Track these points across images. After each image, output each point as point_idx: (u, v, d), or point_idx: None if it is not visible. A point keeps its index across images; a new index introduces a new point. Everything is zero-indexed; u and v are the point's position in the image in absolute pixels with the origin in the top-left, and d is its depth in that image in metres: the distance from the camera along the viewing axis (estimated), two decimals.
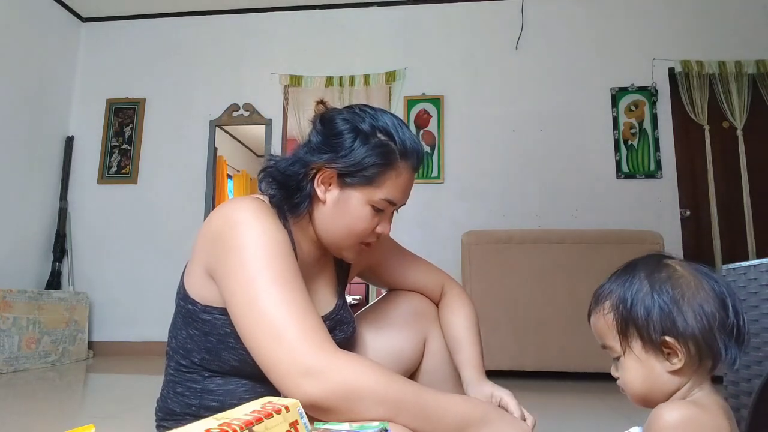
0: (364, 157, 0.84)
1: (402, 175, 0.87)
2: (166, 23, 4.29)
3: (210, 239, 0.82)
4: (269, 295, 0.73)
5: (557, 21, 3.95)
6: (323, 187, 0.87)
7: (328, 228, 0.89)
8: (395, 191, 0.87)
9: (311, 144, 0.89)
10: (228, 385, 0.85)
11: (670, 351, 0.68)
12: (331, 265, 1.02)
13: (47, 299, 3.34)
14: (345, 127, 0.86)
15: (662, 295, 0.68)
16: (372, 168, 0.84)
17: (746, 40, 3.76)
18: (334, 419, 0.69)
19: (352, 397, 0.68)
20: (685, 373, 0.68)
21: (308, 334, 0.71)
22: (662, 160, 3.71)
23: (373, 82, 3.98)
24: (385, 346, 1.04)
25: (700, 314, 0.67)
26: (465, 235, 2.94)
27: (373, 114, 0.88)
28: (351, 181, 0.85)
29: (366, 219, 0.87)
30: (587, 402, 2.25)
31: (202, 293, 0.84)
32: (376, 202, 0.86)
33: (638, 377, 0.70)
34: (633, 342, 0.70)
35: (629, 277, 0.72)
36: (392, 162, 0.86)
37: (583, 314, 2.70)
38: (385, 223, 0.90)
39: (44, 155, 3.96)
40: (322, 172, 0.86)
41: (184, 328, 0.88)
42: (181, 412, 0.88)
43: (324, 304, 0.96)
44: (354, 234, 0.88)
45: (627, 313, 0.70)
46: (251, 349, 0.74)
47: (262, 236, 0.77)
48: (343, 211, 0.87)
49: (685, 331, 0.66)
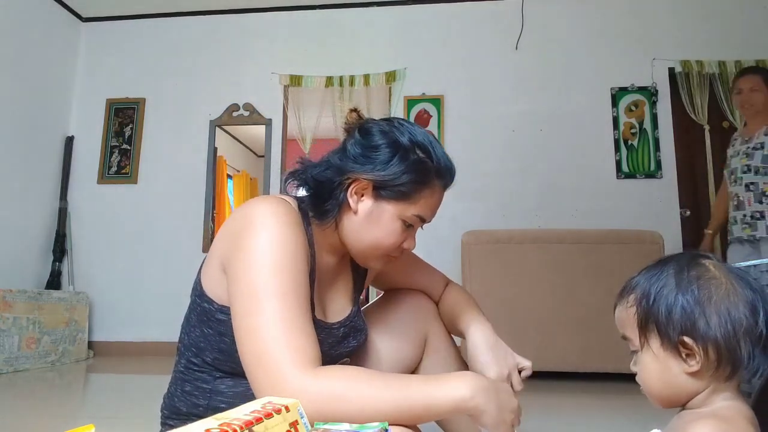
0: (402, 172, 0.84)
1: (436, 194, 0.89)
2: (166, 23, 4.29)
3: (229, 234, 0.83)
4: (266, 310, 0.73)
5: (557, 21, 3.95)
6: (356, 197, 0.87)
7: (358, 238, 0.89)
8: (427, 209, 0.88)
9: (348, 153, 0.88)
10: (238, 387, 0.85)
11: (688, 352, 0.66)
12: (348, 271, 1.02)
13: (47, 299, 3.34)
14: (384, 140, 0.86)
15: (686, 295, 0.66)
16: (409, 184, 0.85)
17: (746, 40, 3.76)
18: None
19: (333, 405, 0.68)
20: (702, 377, 0.66)
21: (293, 356, 0.71)
22: (662, 160, 3.71)
23: (373, 82, 3.98)
24: (386, 346, 1.05)
25: (725, 318, 0.64)
26: (465, 235, 2.94)
27: (411, 129, 0.89)
28: (386, 194, 0.85)
29: (396, 233, 0.87)
30: (587, 402, 2.25)
31: (217, 291, 0.84)
32: (408, 218, 0.87)
33: (654, 374, 0.70)
34: (651, 338, 0.69)
35: (658, 272, 0.70)
36: (428, 180, 0.87)
37: (583, 314, 2.71)
38: (411, 240, 0.91)
39: (44, 155, 3.96)
40: (358, 183, 0.86)
41: (198, 326, 0.87)
42: (187, 412, 0.87)
43: (340, 311, 0.97)
44: (382, 247, 0.89)
45: (648, 308, 0.68)
46: (240, 354, 0.75)
47: (276, 242, 0.77)
48: (375, 224, 0.87)
49: (706, 333, 0.64)
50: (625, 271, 3.13)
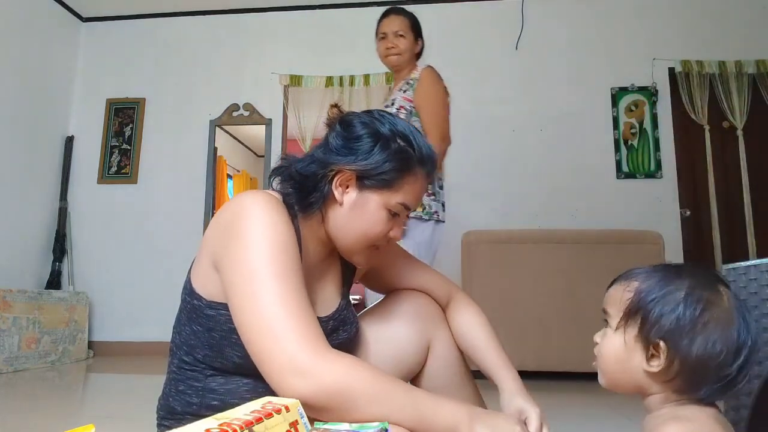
0: (384, 161, 0.86)
1: (418, 181, 0.90)
2: (166, 23, 4.29)
3: (218, 229, 0.84)
4: (269, 291, 0.74)
5: (557, 21, 3.95)
6: (341, 189, 0.89)
7: (343, 229, 0.90)
8: (411, 196, 0.90)
9: (330, 146, 0.90)
10: (229, 384, 0.86)
11: (655, 353, 0.68)
12: (337, 266, 1.02)
13: (47, 299, 3.34)
14: (365, 131, 0.88)
15: (688, 309, 0.67)
16: (391, 172, 0.86)
17: (746, 40, 3.76)
18: (326, 418, 0.70)
19: (342, 397, 0.70)
20: (656, 380, 0.69)
21: (303, 333, 0.72)
22: (662, 160, 3.71)
23: (373, 82, 3.98)
24: (386, 348, 1.03)
25: (708, 347, 0.65)
26: (465, 235, 2.94)
27: (391, 119, 0.91)
28: (370, 183, 0.87)
29: (382, 222, 0.89)
30: (587, 402, 2.25)
31: (207, 288, 0.85)
32: (393, 206, 0.88)
33: (614, 356, 0.72)
34: (630, 326, 0.70)
35: (673, 277, 0.70)
36: (411, 167, 0.88)
37: (583, 314, 2.70)
38: (397, 229, 0.92)
39: (44, 155, 3.96)
40: (341, 174, 0.88)
41: (188, 324, 0.88)
42: (181, 411, 0.88)
43: (327, 304, 0.96)
44: (368, 237, 0.89)
45: (644, 302, 0.70)
46: (246, 342, 0.76)
47: (269, 230, 0.79)
48: (360, 214, 0.88)
49: (683, 350, 0.66)
50: (624, 271, 3.10)
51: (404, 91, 2.13)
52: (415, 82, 2.13)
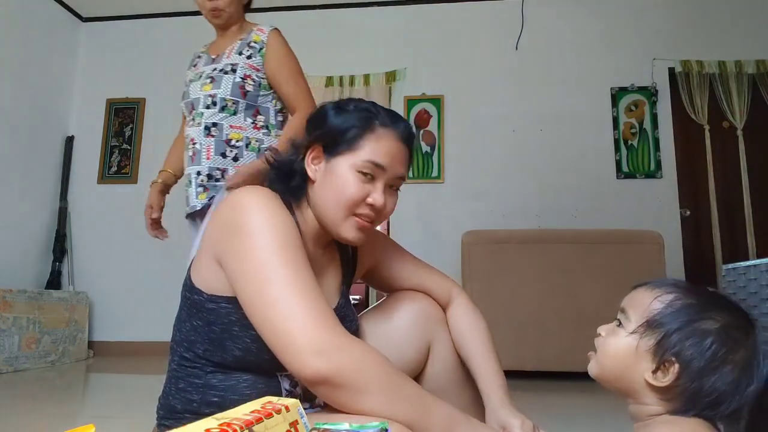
0: (343, 122, 0.89)
1: (383, 139, 0.89)
2: (166, 23, 4.28)
3: (219, 225, 0.85)
4: (282, 278, 0.76)
5: (557, 21, 3.95)
6: (313, 166, 0.92)
7: (320, 201, 0.90)
8: (378, 154, 0.88)
9: (305, 132, 0.97)
10: (230, 380, 0.86)
11: (661, 369, 0.68)
12: (336, 265, 1.02)
13: (47, 299, 3.34)
14: (329, 106, 0.94)
15: (714, 344, 0.66)
16: (351, 131, 0.88)
17: (746, 40, 3.76)
18: (336, 400, 0.73)
19: (359, 377, 0.72)
20: (653, 393, 0.69)
21: (320, 316, 0.75)
22: (662, 160, 3.71)
23: (373, 82, 3.98)
24: (386, 348, 0.99)
25: (719, 381, 0.65)
26: (465, 235, 2.94)
27: (358, 99, 0.96)
28: (335, 150, 0.89)
29: (353, 184, 0.87)
30: (587, 402, 2.25)
31: (208, 282, 0.86)
32: (360, 166, 0.87)
33: (620, 355, 0.72)
34: (647, 336, 0.69)
35: (712, 307, 0.69)
36: (370, 125, 0.89)
37: (583, 314, 2.70)
38: (377, 194, 0.89)
39: (44, 155, 3.96)
40: (311, 151, 0.92)
41: (188, 319, 0.89)
42: (182, 409, 0.88)
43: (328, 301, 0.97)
44: (343, 202, 0.87)
45: (672, 321, 0.68)
46: (262, 329, 0.77)
47: (272, 220, 0.81)
48: (331, 181, 0.89)
49: (692, 377, 0.66)
50: (624, 271, 3.15)
51: (248, 56, 1.83)
52: (260, 47, 1.85)
